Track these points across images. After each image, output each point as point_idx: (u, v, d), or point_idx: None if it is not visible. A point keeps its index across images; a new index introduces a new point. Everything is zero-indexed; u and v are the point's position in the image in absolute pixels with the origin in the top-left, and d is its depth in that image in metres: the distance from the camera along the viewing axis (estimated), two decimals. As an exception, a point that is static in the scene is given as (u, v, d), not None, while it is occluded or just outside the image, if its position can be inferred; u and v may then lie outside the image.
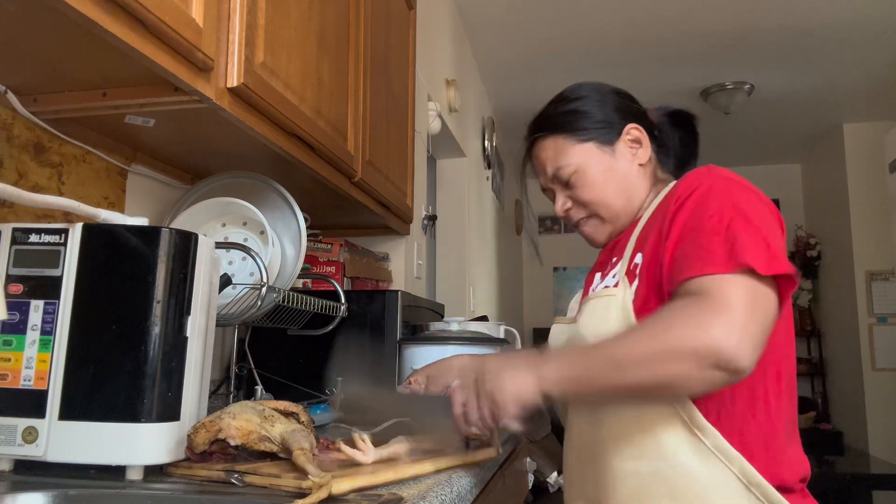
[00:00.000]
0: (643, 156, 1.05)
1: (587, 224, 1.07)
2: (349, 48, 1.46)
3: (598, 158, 1.03)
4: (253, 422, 0.83)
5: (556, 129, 1.05)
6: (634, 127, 1.05)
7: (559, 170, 1.04)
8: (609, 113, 1.05)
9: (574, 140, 1.04)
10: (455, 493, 0.83)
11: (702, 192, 0.86)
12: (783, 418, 0.87)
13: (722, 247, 0.78)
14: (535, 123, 1.10)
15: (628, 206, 1.04)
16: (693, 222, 0.84)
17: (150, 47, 0.81)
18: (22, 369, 0.80)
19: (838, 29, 3.46)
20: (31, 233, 0.83)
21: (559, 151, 1.05)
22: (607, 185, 1.03)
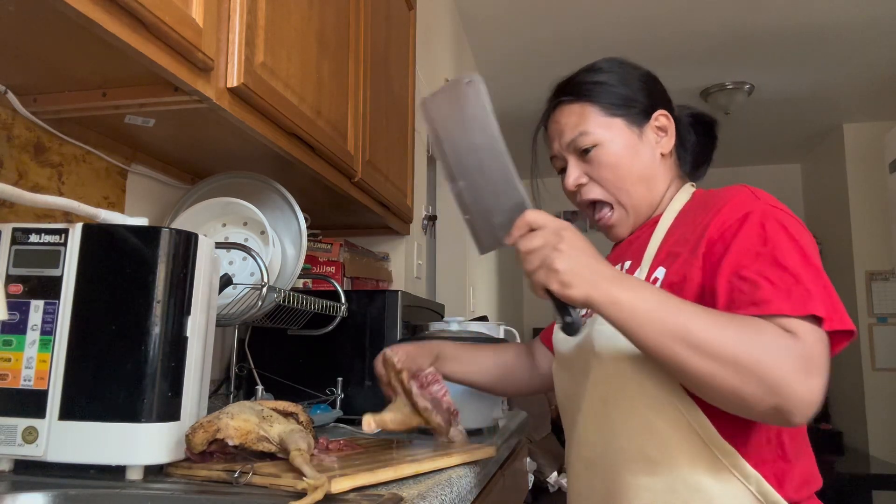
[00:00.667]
0: (667, 145, 0.99)
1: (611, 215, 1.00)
2: (349, 48, 1.46)
3: (625, 137, 0.97)
4: (251, 422, 0.83)
5: (586, 96, 0.98)
6: (663, 113, 0.99)
7: (580, 136, 0.97)
8: (642, 94, 0.99)
9: (602, 112, 0.97)
10: (455, 493, 0.83)
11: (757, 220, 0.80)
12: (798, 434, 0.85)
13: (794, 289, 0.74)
14: (563, 86, 1.02)
15: (648, 196, 0.98)
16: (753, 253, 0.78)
17: (150, 47, 0.81)
18: (22, 369, 0.80)
19: (838, 29, 3.46)
20: (31, 233, 0.83)
21: (584, 118, 0.97)
22: (632, 168, 0.96)
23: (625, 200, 0.97)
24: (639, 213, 0.98)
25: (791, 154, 5.63)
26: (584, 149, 0.97)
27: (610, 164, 0.96)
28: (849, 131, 4.92)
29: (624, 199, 0.97)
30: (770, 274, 0.75)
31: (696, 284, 0.82)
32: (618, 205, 0.98)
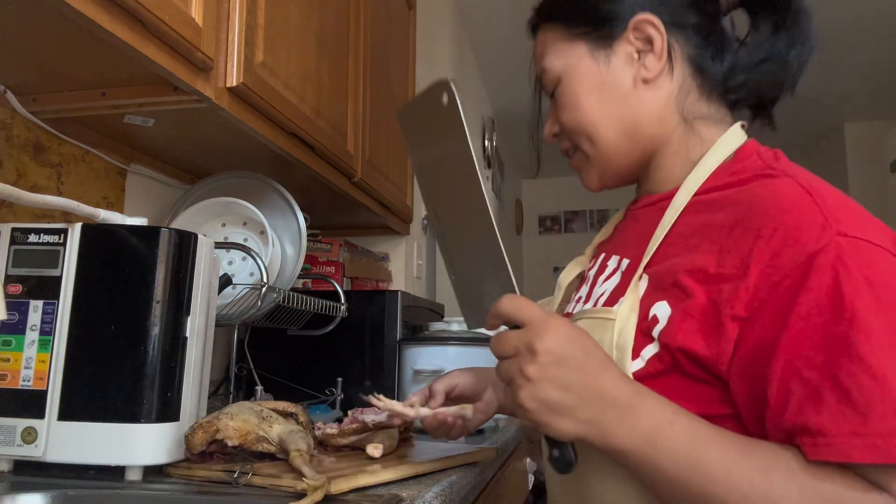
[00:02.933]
0: (652, 66, 0.69)
1: (574, 157, 0.77)
2: (349, 48, 1.46)
3: (587, 67, 0.71)
4: (251, 422, 0.83)
5: (551, 16, 0.76)
6: (646, 19, 0.69)
7: (542, 74, 0.76)
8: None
9: (565, 35, 0.73)
10: (455, 493, 0.83)
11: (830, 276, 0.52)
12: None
13: (877, 413, 0.48)
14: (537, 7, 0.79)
15: (625, 145, 0.72)
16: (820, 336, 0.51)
17: (150, 47, 0.81)
18: (21, 369, 0.80)
19: (838, 29, 3.46)
20: (31, 233, 0.83)
21: (546, 48, 0.75)
22: (592, 109, 0.71)
23: (586, 148, 0.74)
24: (609, 164, 0.74)
25: (791, 154, 5.54)
26: (550, 91, 0.76)
27: (567, 106, 0.73)
28: (849, 131, 4.93)
29: (585, 147, 0.74)
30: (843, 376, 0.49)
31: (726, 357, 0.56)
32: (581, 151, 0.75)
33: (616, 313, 0.63)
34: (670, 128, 0.71)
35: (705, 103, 0.72)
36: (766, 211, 0.57)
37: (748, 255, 0.56)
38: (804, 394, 0.51)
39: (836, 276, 0.52)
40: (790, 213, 0.56)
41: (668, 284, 0.61)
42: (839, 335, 0.50)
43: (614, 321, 0.63)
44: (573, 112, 0.73)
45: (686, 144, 0.71)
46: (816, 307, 0.52)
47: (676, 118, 0.71)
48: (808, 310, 0.52)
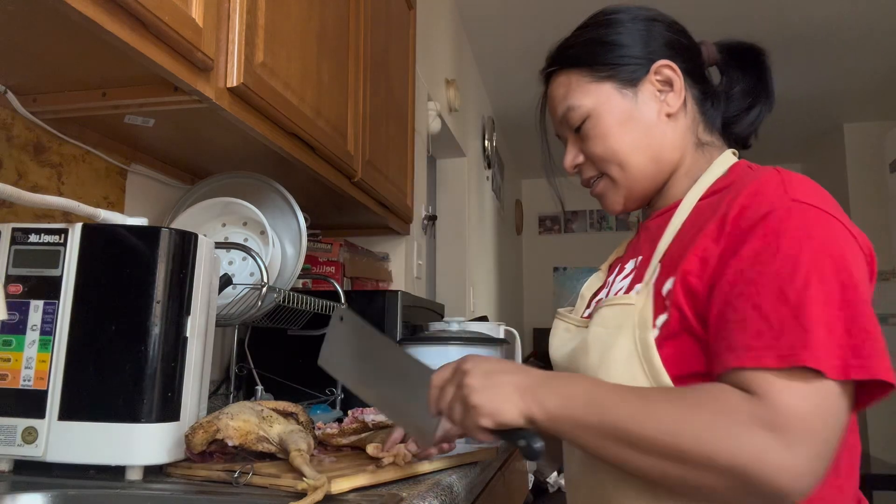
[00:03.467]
0: (673, 103, 0.82)
1: (598, 184, 0.87)
2: (349, 48, 1.46)
3: (616, 102, 0.83)
4: (251, 422, 0.83)
5: (572, 63, 0.86)
6: (666, 64, 0.82)
7: (569, 112, 0.85)
8: (639, 45, 0.84)
9: (590, 77, 0.84)
10: (455, 493, 0.83)
11: (774, 226, 0.64)
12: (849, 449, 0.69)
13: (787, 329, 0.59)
14: (552, 53, 0.90)
15: (650, 169, 0.83)
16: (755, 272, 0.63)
17: (150, 47, 0.81)
18: (21, 369, 0.80)
19: (838, 29, 3.46)
20: (31, 233, 0.83)
21: (571, 89, 0.85)
22: (624, 139, 0.82)
23: (615, 174, 0.84)
24: (635, 187, 0.84)
25: (791, 154, 5.63)
26: (575, 126, 0.86)
27: (599, 137, 0.83)
28: (849, 131, 4.93)
29: (615, 173, 0.84)
30: (766, 303, 0.61)
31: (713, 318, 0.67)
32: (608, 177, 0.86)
33: (634, 299, 0.74)
34: (685, 153, 0.84)
35: (709, 134, 0.86)
36: (745, 186, 0.70)
37: (724, 217, 0.69)
38: (734, 319, 0.63)
39: (779, 229, 0.64)
40: (759, 186, 0.69)
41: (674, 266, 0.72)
42: (769, 272, 0.62)
43: (633, 305, 0.73)
44: (605, 141, 0.83)
45: (695, 166, 0.84)
46: (755, 251, 0.64)
47: (691, 145, 0.84)
48: (749, 253, 0.64)
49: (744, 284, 0.63)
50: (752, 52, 0.88)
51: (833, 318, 0.59)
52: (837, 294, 0.60)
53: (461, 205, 3.40)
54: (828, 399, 0.58)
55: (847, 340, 0.59)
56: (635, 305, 0.73)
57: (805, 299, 0.60)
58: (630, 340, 0.71)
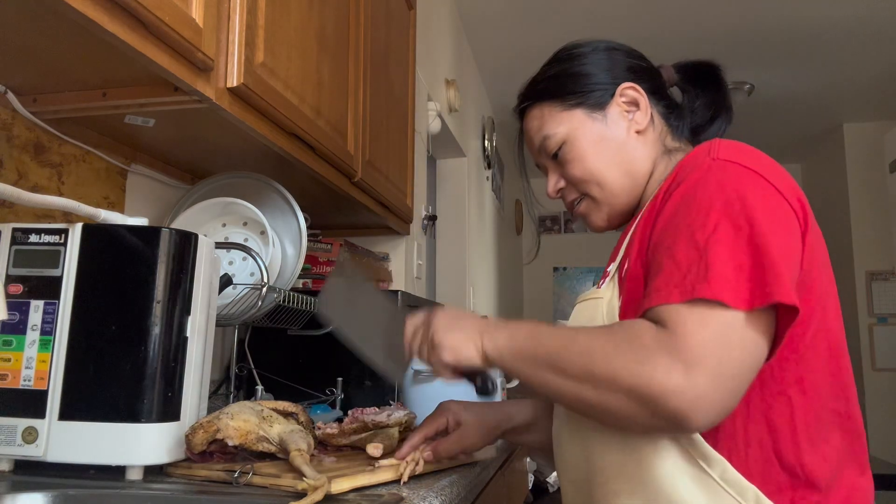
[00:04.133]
0: (641, 121, 0.89)
1: (581, 204, 0.93)
2: (349, 48, 1.46)
3: (589, 127, 0.89)
4: (251, 422, 0.83)
5: (542, 96, 0.93)
6: (629, 86, 0.89)
7: (545, 141, 0.92)
8: (600, 73, 0.90)
9: (561, 107, 0.91)
10: (455, 493, 0.83)
11: (692, 182, 0.72)
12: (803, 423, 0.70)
13: (693, 268, 0.64)
14: (523, 91, 0.97)
15: (627, 183, 0.89)
16: (673, 225, 0.70)
17: (150, 47, 0.81)
18: (22, 369, 0.80)
19: (838, 29, 3.46)
20: (31, 233, 0.83)
21: (545, 121, 0.92)
22: (599, 158, 0.88)
23: (596, 193, 0.90)
24: (615, 203, 0.90)
25: (791, 154, 5.63)
26: (552, 153, 0.92)
27: (576, 160, 0.89)
28: (849, 131, 4.92)
29: (595, 192, 0.90)
30: (678, 250, 0.67)
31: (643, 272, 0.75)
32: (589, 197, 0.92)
33: (602, 292, 0.81)
34: (656, 162, 0.90)
35: (676, 141, 0.92)
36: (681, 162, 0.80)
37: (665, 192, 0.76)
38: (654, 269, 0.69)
39: (696, 184, 0.71)
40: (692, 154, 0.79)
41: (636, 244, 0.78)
42: (684, 223, 0.68)
43: (601, 298, 0.80)
44: (582, 163, 0.89)
45: (665, 170, 0.88)
46: (675, 207, 0.71)
47: (660, 154, 0.90)
48: (670, 209, 0.72)
49: (662, 236, 0.70)
50: (709, 69, 0.95)
51: (740, 254, 0.64)
52: (746, 233, 0.65)
53: (461, 205, 3.40)
54: (730, 328, 0.62)
55: (753, 273, 0.63)
56: (603, 298, 0.80)
57: (712, 242, 0.65)
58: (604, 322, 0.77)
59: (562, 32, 3.79)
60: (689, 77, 0.96)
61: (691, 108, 0.94)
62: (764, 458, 0.69)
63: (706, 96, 0.95)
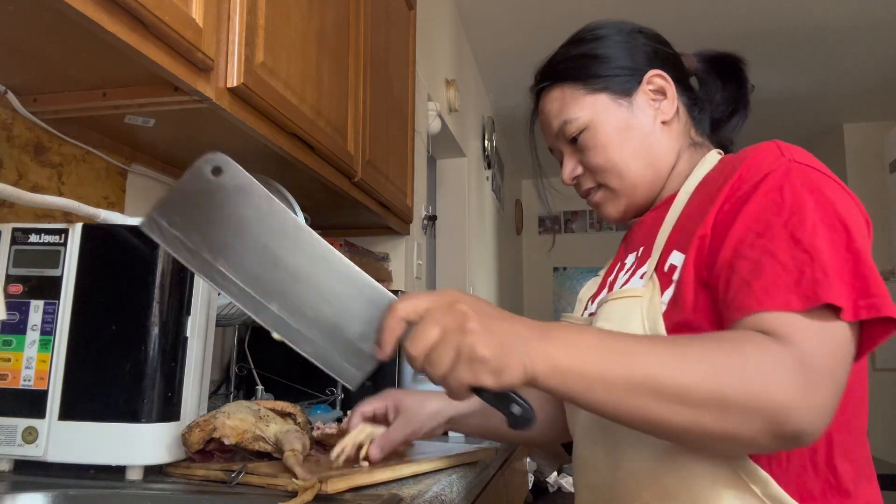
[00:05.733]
0: (667, 111, 0.84)
1: (596, 194, 0.88)
2: (349, 48, 1.46)
3: (613, 113, 0.84)
4: (248, 421, 0.83)
5: (564, 77, 0.87)
6: (658, 74, 0.85)
7: (565, 125, 0.86)
8: (628, 57, 0.86)
9: (584, 90, 0.85)
10: (455, 493, 0.83)
11: (777, 182, 0.65)
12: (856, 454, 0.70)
13: (803, 273, 0.59)
14: (542, 70, 0.91)
15: (649, 175, 0.84)
16: (763, 225, 0.64)
17: (150, 47, 0.81)
18: (22, 369, 0.80)
19: (838, 29, 3.46)
20: (31, 233, 0.83)
21: (566, 103, 0.86)
22: (623, 147, 0.83)
23: (615, 183, 0.85)
24: (635, 195, 0.85)
25: (791, 154, 5.63)
26: (572, 137, 0.86)
27: (598, 147, 0.84)
28: (849, 131, 4.93)
29: (615, 183, 0.85)
30: (780, 250, 0.61)
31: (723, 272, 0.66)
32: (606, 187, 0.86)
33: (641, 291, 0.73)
34: (680, 155, 0.85)
35: (700, 136, 0.89)
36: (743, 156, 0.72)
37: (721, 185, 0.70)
38: (748, 268, 0.62)
39: (782, 185, 0.65)
40: (756, 153, 0.71)
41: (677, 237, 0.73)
42: (779, 223, 0.63)
43: (640, 297, 0.72)
44: (605, 152, 0.84)
45: (689, 164, 0.85)
46: (761, 205, 0.65)
47: (685, 147, 0.86)
48: (755, 208, 0.65)
49: (754, 237, 0.63)
50: (732, 62, 0.91)
51: (841, 262, 0.60)
52: (844, 240, 0.61)
53: (461, 205, 3.40)
54: (844, 341, 0.58)
55: (855, 282, 0.59)
56: (642, 297, 0.72)
57: (817, 244, 0.60)
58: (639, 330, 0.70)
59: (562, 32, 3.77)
60: (712, 68, 0.91)
61: (710, 100, 0.90)
62: (801, 468, 0.66)
63: (727, 91, 0.90)
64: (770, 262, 0.61)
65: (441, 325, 0.55)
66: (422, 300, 0.57)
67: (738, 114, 0.90)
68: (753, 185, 0.66)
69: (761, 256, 0.62)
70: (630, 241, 0.89)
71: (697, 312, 0.67)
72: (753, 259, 0.62)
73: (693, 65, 0.91)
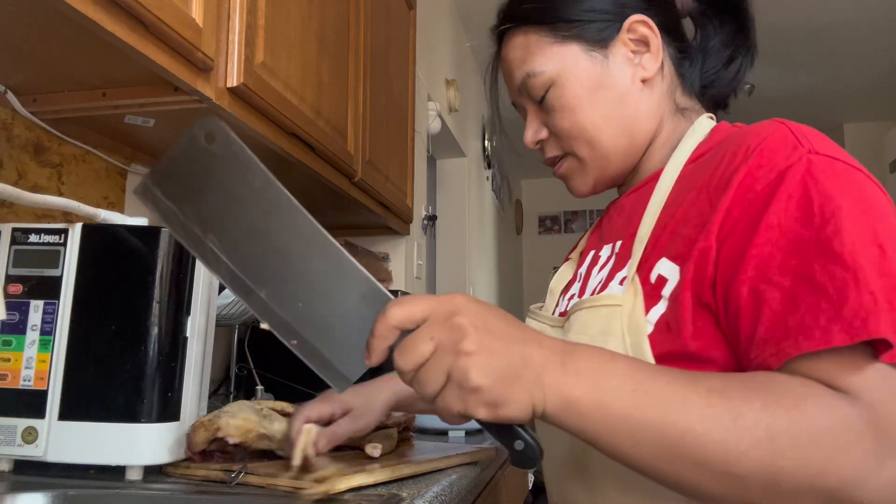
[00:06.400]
0: (649, 65, 0.71)
1: (562, 164, 0.75)
2: (349, 48, 1.46)
3: (584, 68, 0.70)
4: (251, 420, 0.83)
5: (530, 20, 0.74)
6: (640, 20, 0.70)
7: (528, 78, 0.73)
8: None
9: (552, 37, 0.72)
10: (455, 493, 0.83)
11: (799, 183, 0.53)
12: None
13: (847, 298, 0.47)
14: (505, 8, 0.79)
15: (623, 144, 0.71)
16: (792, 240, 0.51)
17: (150, 47, 0.81)
18: (21, 369, 0.80)
19: (838, 29, 3.46)
20: (31, 233, 0.83)
21: (530, 52, 0.73)
22: (594, 109, 0.70)
23: (584, 152, 0.72)
24: (607, 166, 0.73)
25: (791, 154, 5.63)
26: (537, 96, 0.73)
27: (565, 109, 0.71)
28: (849, 131, 4.93)
29: (583, 151, 0.72)
30: (818, 273, 0.49)
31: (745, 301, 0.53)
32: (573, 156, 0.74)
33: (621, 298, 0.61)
34: (663, 121, 0.73)
35: (688, 98, 0.75)
36: (747, 139, 0.59)
37: (730, 181, 0.56)
38: (780, 298, 0.50)
39: (805, 186, 0.52)
40: (766, 140, 0.57)
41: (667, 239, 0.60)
42: (809, 238, 0.51)
43: (621, 307, 0.60)
44: (572, 114, 0.71)
45: (674, 134, 0.73)
46: (785, 215, 0.52)
47: (669, 112, 0.73)
48: (778, 219, 0.52)
49: (784, 256, 0.51)
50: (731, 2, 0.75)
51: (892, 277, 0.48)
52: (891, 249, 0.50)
53: (461, 205, 3.40)
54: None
55: None
56: (623, 307, 0.60)
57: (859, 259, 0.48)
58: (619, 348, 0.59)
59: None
60: (708, 4, 0.76)
61: (705, 48, 0.75)
62: None
63: (725, 31, 0.75)
64: (807, 291, 0.49)
65: (435, 340, 0.47)
66: (419, 307, 0.49)
67: (739, 58, 0.75)
68: (769, 186, 0.54)
69: (796, 284, 0.50)
70: (606, 227, 0.77)
71: (699, 339, 0.55)
72: (786, 288, 0.50)
73: (687, 4, 0.76)
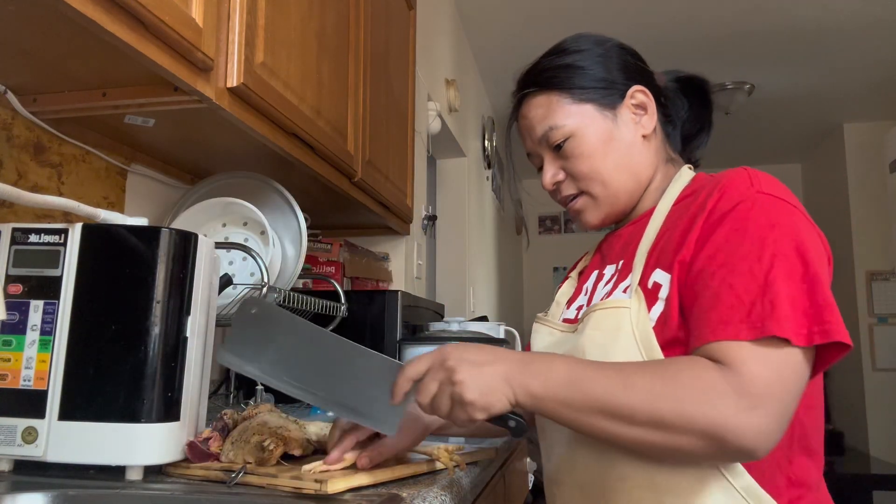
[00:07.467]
0: (647, 125, 0.90)
1: (577, 201, 0.92)
2: (349, 48, 1.46)
3: (599, 123, 0.88)
4: (291, 429, 0.87)
5: (551, 85, 0.90)
6: (640, 90, 0.90)
7: (550, 131, 0.89)
8: (613, 71, 0.90)
9: (570, 99, 0.89)
10: (455, 493, 0.83)
11: (743, 214, 0.72)
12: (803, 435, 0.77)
13: (755, 304, 0.67)
14: (526, 76, 0.94)
15: (630, 185, 0.89)
16: (726, 255, 0.71)
17: (150, 47, 0.81)
18: (21, 369, 0.80)
19: (838, 29, 3.46)
20: (31, 233, 0.83)
21: (552, 110, 0.89)
22: (607, 157, 0.88)
23: (598, 191, 0.89)
24: (616, 204, 0.90)
25: (791, 154, 5.63)
26: (556, 144, 0.90)
27: (583, 156, 0.88)
28: (849, 131, 4.92)
29: (597, 190, 0.89)
30: (737, 282, 0.69)
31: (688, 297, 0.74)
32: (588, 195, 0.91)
33: (628, 302, 0.78)
34: (657, 169, 0.91)
35: (673, 152, 0.95)
36: (715, 183, 0.78)
37: (703, 207, 0.76)
38: (709, 297, 0.70)
39: (747, 216, 0.72)
40: (731, 181, 0.77)
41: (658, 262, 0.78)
42: (738, 255, 0.70)
43: (629, 309, 0.78)
44: (590, 160, 0.88)
45: (664, 180, 0.91)
46: (725, 236, 0.72)
47: (662, 162, 0.92)
48: (720, 239, 0.72)
49: (716, 266, 0.71)
50: (701, 84, 0.98)
51: (796, 291, 0.67)
52: (799, 270, 0.68)
53: (461, 205, 3.40)
54: (790, 365, 0.66)
55: (809, 310, 0.66)
56: (630, 308, 0.78)
57: (771, 277, 0.67)
58: (630, 339, 0.76)
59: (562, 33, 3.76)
60: (682, 88, 0.97)
61: (678, 118, 0.96)
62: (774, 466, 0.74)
63: (692, 110, 0.97)
64: (727, 294, 0.69)
65: (437, 380, 0.71)
66: (423, 363, 0.73)
67: (703, 133, 0.98)
68: (722, 214, 0.73)
69: (720, 288, 0.69)
70: (607, 252, 0.94)
71: (683, 330, 0.74)
72: (713, 288, 0.70)
73: (663, 82, 0.96)
